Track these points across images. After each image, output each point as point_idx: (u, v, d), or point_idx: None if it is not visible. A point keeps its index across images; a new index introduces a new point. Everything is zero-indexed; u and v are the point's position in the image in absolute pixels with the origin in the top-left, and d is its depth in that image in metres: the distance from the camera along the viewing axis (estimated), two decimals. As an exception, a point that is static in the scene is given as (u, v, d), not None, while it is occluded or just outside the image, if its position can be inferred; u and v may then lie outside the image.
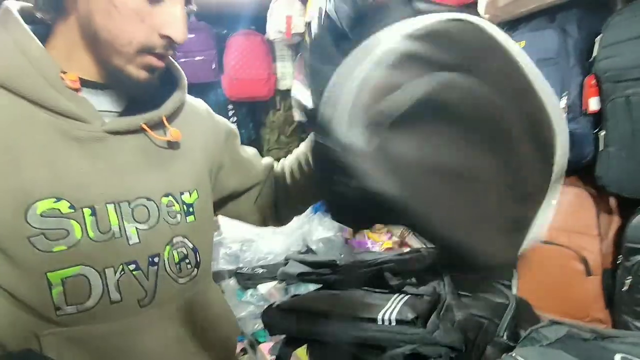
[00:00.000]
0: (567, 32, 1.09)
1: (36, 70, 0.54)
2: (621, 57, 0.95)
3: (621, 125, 0.99)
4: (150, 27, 0.56)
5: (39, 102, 0.54)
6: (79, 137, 0.56)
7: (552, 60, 1.11)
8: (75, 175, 0.55)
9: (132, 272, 0.57)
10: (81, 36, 0.57)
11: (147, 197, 0.60)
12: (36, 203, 0.52)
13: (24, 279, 0.52)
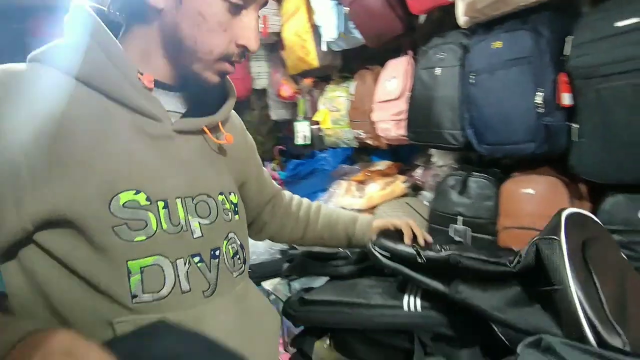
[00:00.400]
0: (540, 33, 1.17)
1: (118, 69, 0.57)
2: (591, 56, 1.04)
3: (592, 118, 1.08)
4: (230, 37, 0.61)
5: (119, 100, 0.58)
6: (152, 134, 0.60)
7: (526, 59, 1.19)
8: (150, 169, 0.59)
9: (196, 264, 0.61)
10: (162, 42, 0.61)
11: (207, 194, 0.65)
12: (120, 194, 0.55)
13: (105, 267, 0.54)
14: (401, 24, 1.68)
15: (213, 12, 0.58)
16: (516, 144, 1.28)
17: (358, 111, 2.15)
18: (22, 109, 0.52)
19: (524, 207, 1.34)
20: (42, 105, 0.53)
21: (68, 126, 0.54)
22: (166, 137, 0.62)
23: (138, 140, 0.59)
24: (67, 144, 0.54)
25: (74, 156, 0.54)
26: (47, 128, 0.53)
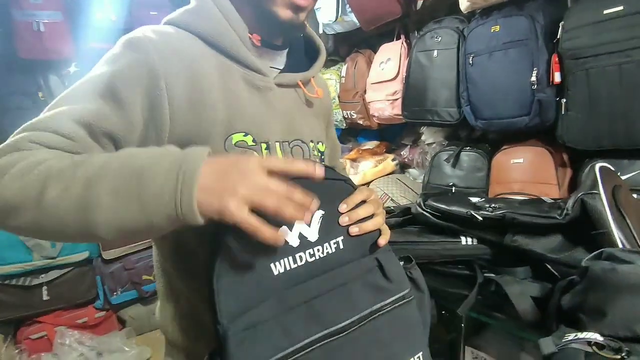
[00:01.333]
0: (535, 19, 1.33)
1: (233, 30, 0.65)
2: (580, 39, 1.22)
3: (580, 94, 1.26)
4: None
5: (233, 57, 0.66)
6: (259, 86, 0.68)
7: (523, 42, 1.36)
8: (257, 116, 0.67)
9: None
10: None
11: (301, 140, 0.73)
12: (232, 135, 0.64)
13: None
14: (400, 8, 1.80)
15: None
16: (511, 117, 1.44)
17: (349, 93, 2.25)
18: (167, 58, 0.61)
19: (514, 175, 1.52)
20: (181, 58, 0.62)
21: (198, 77, 0.63)
22: (269, 89, 0.70)
23: (247, 90, 0.67)
24: (199, 89, 0.63)
25: (205, 100, 0.63)
26: (185, 77, 0.62)
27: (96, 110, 0.57)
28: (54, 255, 2.19)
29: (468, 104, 1.57)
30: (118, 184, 0.47)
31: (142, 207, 0.46)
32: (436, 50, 1.69)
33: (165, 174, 0.47)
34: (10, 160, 0.51)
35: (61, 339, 2.15)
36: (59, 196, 0.47)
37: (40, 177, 0.48)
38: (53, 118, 0.56)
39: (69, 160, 0.50)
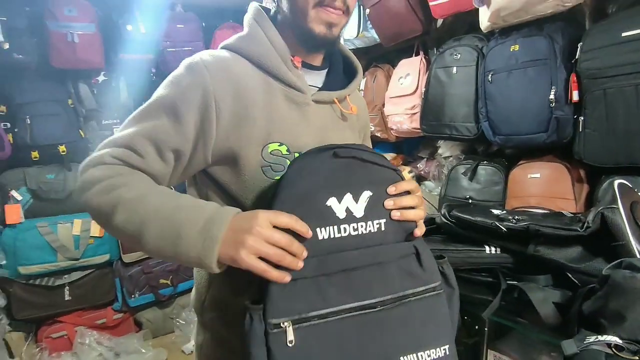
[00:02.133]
0: (554, 39, 1.38)
1: (278, 55, 0.75)
2: (599, 60, 1.26)
3: (597, 112, 1.29)
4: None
5: (277, 76, 0.75)
6: (297, 101, 0.78)
7: (542, 61, 1.40)
8: (292, 128, 0.76)
9: None
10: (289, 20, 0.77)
11: None
12: (269, 144, 0.73)
13: (251, 193, 0.74)
14: (420, 26, 1.86)
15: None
16: (529, 134, 1.48)
17: (369, 105, 2.31)
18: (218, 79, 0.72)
19: (531, 189, 1.55)
20: (231, 76, 0.73)
21: (244, 94, 0.73)
22: (306, 105, 0.78)
23: (287, 105, 0.77)
24: (243, 104, 0.73)
25: (247, 114, 0.72)
26: (233, 94, 0.72)
27: (162, 129, 0.70)
28: (77, 257, 2.26)
29: (486, 120, 1.62)
30: (163, 232, 0.62)
31: (176, 253, 0.62)
32: (455, 67, 1.74)
33: (196, 237, 0.61)
34: (98, 174, 0.67)
35: (81, 338, 2.21)
36: (122, 223, 0.64)
37: (113, 201, 0.65)
38: (129, 136, 0.70)
39: (136, 193, 0.65)
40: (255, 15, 0.80)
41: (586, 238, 0.72)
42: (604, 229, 0.69)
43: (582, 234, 0.72)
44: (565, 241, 0.74)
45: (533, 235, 0.76)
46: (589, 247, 0.73)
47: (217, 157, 0.73)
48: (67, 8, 2.15)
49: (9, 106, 2.17)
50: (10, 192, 2.13)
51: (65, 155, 2.28)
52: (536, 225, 0.76)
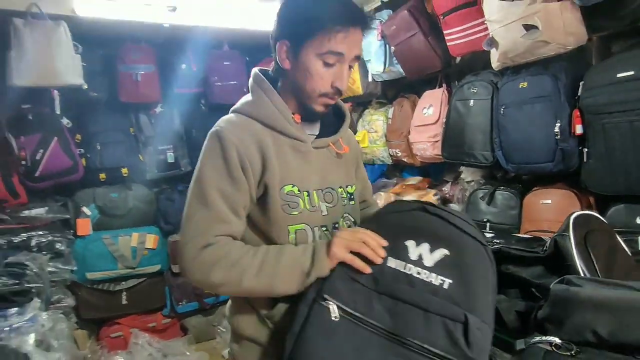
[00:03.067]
0: (558, 78, 1.51)
1: (282, 115, 0.94)
2: (598, 97, 1.38)
3: (598, 145, 1.41)
4: (325, 81, 0.91)
5: (282, 132, 0.94)
6: (301, 150, 0.95)
7: (547, 98, 1.53)
8: (299, 172, 0.94)
9: (324, 231, 0.95)
10: (291, 88, 0.95)
11: (332, 187, 0.98)
12: (285, 186, 0.91)
13: (276, 229, 0.91)
14: (440, 62, 2.04)
15: (315, 69, 0.89)
16: (537, 163, 1.60)
17: (395, 133, 2.49)
18: (240, 139, 0.89)
19: (543, 214, 1.66)
20: (248, 136, 0.90)
21: (261, 148, 0.91)
22: (308, 152, 0.96)
23: (293, 154, 0.94)
24: (262, 155, 0.91)
25: (267, 165, 0.90)
26: (254, 148, 0.90)
27: (228, 197, 0.87)
28: (134, 266, 2.56)
29: (500, 149, 1.75)
30: (292, 272, 0.82)
31: (302, 273, 0.81)
32: (472, 100, 1.89)
33: (308, 256, 0.82)
34: (213, 256, 0.83)
35: (135, 339, 2.48)
36: (253, 285, 0.83)
37: (239, 272, 0.82)
38: (212, 214, 0.85)
39: (251, 257, 0.84)
40: (257, 82, 0.96)
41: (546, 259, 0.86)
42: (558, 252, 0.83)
43: (541, 255, 0.86)
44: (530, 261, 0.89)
45: (505, 256, 0.91)
46: (548, 266, 0.86)
47: (255, 199, 0.91)
48: (134, 53, 2.52)
49: (83, 135, 2.55)
50: (82, 208, 2.48)
51: (127, 176, 2.61)
52: (507, 247, 0.91)
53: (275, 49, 0.93)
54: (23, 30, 2.03)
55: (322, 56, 0.87)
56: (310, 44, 0.87)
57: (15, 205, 2.31)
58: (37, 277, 1.91)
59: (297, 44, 0.88)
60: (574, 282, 0.69)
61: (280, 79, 0.97)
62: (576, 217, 0.87)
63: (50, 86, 2.23)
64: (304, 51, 0.88)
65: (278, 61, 0.92)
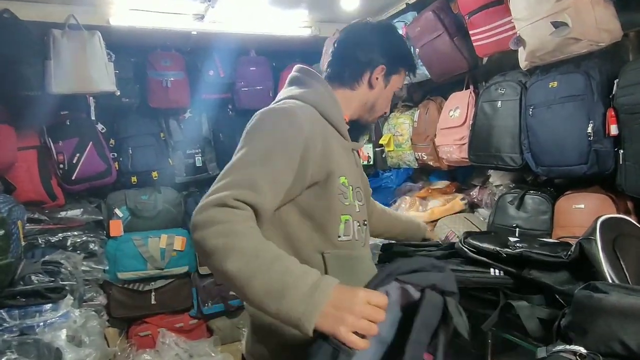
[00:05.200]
0: (591, 76, 1.44)
1: (338, 110, 1.00)
2: (635, 96, 1.30)
3: (635, 146, 1.33)
4: (388, 106, 1.13)
5: (336, 126, 0.99)
6: (345, 147, 1.03)
7: (579, 97, 1.46)
8: (347, 166, 0.99)
9: (359, 226, 1.00)
10: (360, 101, 1.06)
11: (359, 187, 1.03)
12: (340, 177, 0.95)
13: (330, 216, 0.93)
14: (466, 64, 1.99)
15: (391, 96, 1.10)
16: (569, 165, 1.53)
17: (421, 136, 2.44)
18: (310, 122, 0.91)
19: (576, 219, 1.57)
20: (315, 121, 0.94)
21: (325, 137, 0.94)
22: (349, 150, 1.04)
23: (342, 149, 1.00)
24: (326, 145, 0.93)
25: (330, 153, 0.93)
26: (320, 134, 0.93)
27: (277, 171, 0.82)
28: (162, 267, 2.63)
29: (529, 151, 1.68)
30: (270, 289, 0.68)
31: (277, 310, 0.68)
32: (500, 101, 1.83)
33: (299, 302, 0.67)
34: (219, 217, 0.73)
35: (163, 338, 2.54)
36: (234, 269, 0.70)
37: (229, 246, 0.70)
38: (249, 178, 0.79)
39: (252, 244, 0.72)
40: (312, 76, 1.03)
41: (571, 264, 0.81)
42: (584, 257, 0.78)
43: (565, 260, 0.82)
44: (554, 266, 0.84)
45: (527, 261, 0.87)
46: (573, 272, 0.82)
47: (313, 182, 0.90)
48: (164, 60, 2.60)
49: (116, 139, 2.65)
50: (115, 210, 2.58)
51: (157, 179, 2.70)
52: (529, 252, 0.87)
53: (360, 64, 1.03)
54: (61, 41, 2.14)
55: (396, 87, 1.10)
56: (396, 78, 1.08)
57: (53, 207, 2.43)
58: (71, 276, 1.99)
59: (391, 72, 1.06)
60: (600, 289, 0.65)
61: (344, 87, 1.05)
62: (604, 220, 0.82)
63: (85, 93, 2.34)
64: (392, 80, 1.07)
65: (369, 78, 1.04)
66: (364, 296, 0.68)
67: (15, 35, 2.01)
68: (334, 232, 0.93)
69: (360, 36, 1.06)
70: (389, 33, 1.09)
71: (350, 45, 1.06)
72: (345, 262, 0.94)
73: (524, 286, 0.84)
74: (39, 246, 2.32)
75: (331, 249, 0.92)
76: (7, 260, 1.67)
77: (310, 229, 0.92)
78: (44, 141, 2.40)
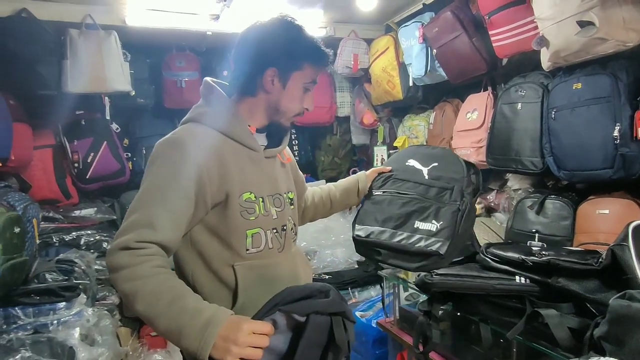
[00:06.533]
0: (618, 77, 1.39)
1: (238, 124, 0.99)
2: (664, 98, 1.26)
3: (665, 149, 1.28)
4: (301, 104, 1.06)
5: (239, 141, 0.99)
6: (255, 159, 1.02)
7: (605, 99, 1.42)
8: (255, 180, 1.00)
9: (274, 233, 1.03)
10: (265, 107, 1.03)
11: (279, 193, 1.06)
12: (243, 193, 0.97)
13: (234, 233, 0.96)
14: (485, 65, 1.95)
15: (298, 94, 1.03)
16: (594, 170, 1.48)
17: (437, 139, 2.40)
18: (201, 149, 0.92)
19: (600, 225, 1.52)
20: (208, 146, 0.94)
21: (221, 158, 0.94)
22: (260, 161, 1.03)
23: (249, 163, 1.00)
24: (222, 165, 0.94)
25: (226, 174, 0.94)
26: (214, 158, 0.93)
27: (173, 204, 0.87)
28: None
29: (551, 155, 1.64)
30: (170, 328, 0.79)
31: (179, 345, 0.79)
32: (520, 103, 1.79)
33: (194, 339, 0.77)
34: (123, 261, 0.82)
35: (174, 339, 2.53)
36: (140, 311, 0.80)
37: (133, 291, 0.81)
38: (148, 217, 0.85)
39: (151, 288, 0.80)
40: (214, 93, 1.02)
41: (602, 272, 0.78)
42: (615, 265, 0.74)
43: (596, 268, 0.78)
44: (584, 274, 0.80)
45: (555, 268, 0.83)
46: (605, 280, 0.78)
47: (213, 206, 0.95)
48: (179, 60, 2.61)
49: (130, 139, 2.66)
50: (128, 210, 2.58)
51: (170, 180, 2.69)
52: (557, 259, 0.83)
53: (253, 71, 1.00)
54: (77, 40, 2.16)
55: (306, 85, 1.04)
56: (299, 75, 1.02)
57: (67, 205, 2.44)
58: (84, 274, 1.99)
59: (287, 72, 1.01)
60: (637, 298, 0.61)
61: (246, 96, 1.03)
62: (636, 225, 0.78)
63: (101, 92, 2.35)
64: (292, 79, 1.01)
65: (262, 83, 1.00)
66: (247, 327, 0.77)
67: (33, 35, 2.03)
68: (240, 247, 0.96)
69: (246, 43, 1.03)
70: (275, 32, 1.01)
71: (239, 53, 1.04)
72: (256, 271, 0.98)
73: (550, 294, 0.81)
74: (53, 245, 2.33)
75: (240, 261, 0.97)
76: (22, 258, 1.68)
77: (219, 245, 0.96)
78: (59, 140, 2.42)
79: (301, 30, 1.02)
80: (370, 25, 2.74)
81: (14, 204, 1.79)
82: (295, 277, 1.05)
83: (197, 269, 0.96)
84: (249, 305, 0.91)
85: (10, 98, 2.10)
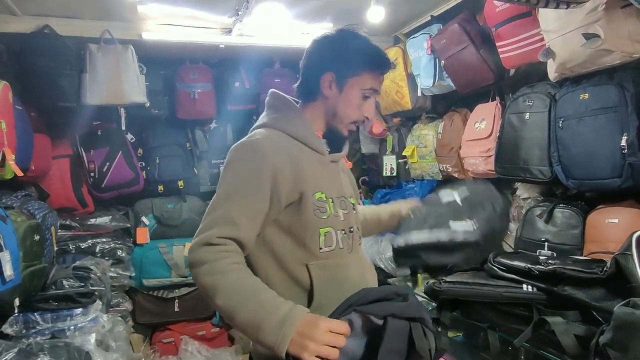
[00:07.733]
0: (625, 88, 1.41)
1: (307, 129, 1.04)
2: (670, 108, 1.27)
3: (672, 159, 1.29)
4: (360, 111, 1.07)
5: (309, 145, 1.04)
6: (322, 162, 1.07)
7: (612, 109, 1.43)
8: (324, 182, 1.05)
9: (343, 234, 1.05)
10: (324, 112, 1.06)
11: (345, 197, 1.09)
12: (316, 193, 1.01)
13: (307, 231, 1.00)
14: (492, 75, 1.97)
15: (356, 100, 1.04)
16: (602, 179, 1.49)
17: (445, 148, 2.42)
18: (275, 150, 0.98)
19: (609, 234, 1.53)
20: (281, 147, 1.00)
21: (294, 160, 1.00)
22: (327, 164, 1.08)
23: (318, 166, 1.05)
24: (295, 165, 0.99)
25: (300, 174, 0.99)
26: (287, 159, 0.99)
27: (251, 204, 0.93)
28: (186, 275, 2.67)
29: (559, 164, 1.65)
30: (248, 322, 0.82)
31: (256, 340, 0.81)
32: (528, 112, 1.81)
33: (272, 334, 0.79)
34: (204, 257, 0.87)
35: (185, 346, 2.57)
36: (220, 305, 0.84)
37: (214, 285, 0.84)
38: (228, 214, 0.91)
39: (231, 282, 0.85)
40: (282, 101, 1.10)
41: (607, 280, 0.79)
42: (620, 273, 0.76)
43: (601, 276, 0.79)
44: (589, 283, 0.82)
45: (561, 277, 0.85)
46: (610, 288, 0.79)
47: (288, 203, 0.99)
48: (192, 72, 2.68)
49: (144, 149, 2.73)
50: (142, 218, 2.64)
51: (182, 188, 2.75)
52: (562, 268, 0.85)
53: (313, 77, 1.06)
54: (96, 55, 2.24)
55: (364, 91, 1.05)
56: (356, 80, 1.04)
57: (83, 214, 2.50)
58: (99, 281, 2.04)
59: (344, 77, 1.04)
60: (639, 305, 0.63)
61: (309, 102, 1.09)
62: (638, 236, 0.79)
63: (117, 104, 2.42)
64: (349, 84, 1.04)
65: (319, 88, 1.05)
66: (324, 325, 0.78)
67: (55, 50, 2.11)
68: (314, 245, 0.99)
69: (310, 52, 1.10)
70: (334, 40, 1.08)
71: (304, 62, 1.11)
72: (329, 271, 1.00)
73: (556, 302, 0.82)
74: (70, 252, 2.39)
75: (314, 260, 0.99)
76: (41, 265, 1.73)
77: (292, 244, 0.99)
78: (76, 150, 2.50)
79: (360, 37, 1.07)
80: (378, 37, 2.78)
81: (33, 212, 1.85)
82: (363, 279, 1.07)
83: (270, 269, 1.00)
84: (325, 304, 0.93)
85: (32, 110, 2.18)
